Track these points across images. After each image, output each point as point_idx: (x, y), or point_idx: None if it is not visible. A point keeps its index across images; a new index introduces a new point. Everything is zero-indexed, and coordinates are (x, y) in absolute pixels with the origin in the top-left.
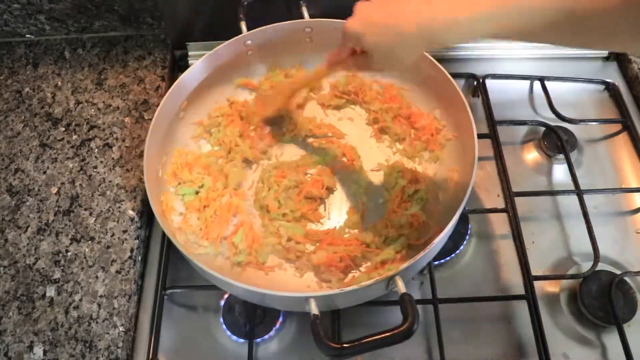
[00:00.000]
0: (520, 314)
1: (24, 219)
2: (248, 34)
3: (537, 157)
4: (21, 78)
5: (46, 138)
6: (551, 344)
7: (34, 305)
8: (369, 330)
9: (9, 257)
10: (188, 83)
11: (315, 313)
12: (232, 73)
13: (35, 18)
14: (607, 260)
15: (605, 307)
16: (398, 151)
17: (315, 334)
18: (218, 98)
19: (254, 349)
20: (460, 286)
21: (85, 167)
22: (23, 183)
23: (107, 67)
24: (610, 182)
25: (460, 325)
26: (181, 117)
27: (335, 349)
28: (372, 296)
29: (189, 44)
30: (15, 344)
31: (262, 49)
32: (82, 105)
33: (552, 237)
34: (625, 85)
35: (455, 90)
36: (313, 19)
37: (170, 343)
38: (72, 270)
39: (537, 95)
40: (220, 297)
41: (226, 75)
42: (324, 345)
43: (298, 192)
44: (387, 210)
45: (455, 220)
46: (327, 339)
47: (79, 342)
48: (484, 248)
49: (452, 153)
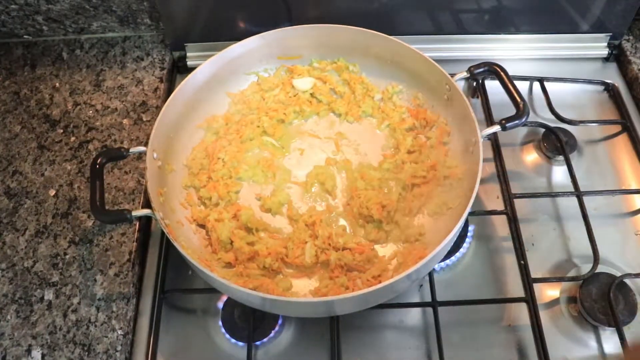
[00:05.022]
0: (520, 316)
1: (22, 221)
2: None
3: (536, 159)
4: (19, 79)
5: (44, 140)
6: (551, 346)
7: (32, 308)
8: (368, 332)
9: (6, 260)
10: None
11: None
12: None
13: (33, 19)
14: (606, 262)
15: (605, 310)
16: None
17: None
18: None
19: (253, 352)
20: (459, 289)
21: (84, 169)
22: (21, 185)
23: (105, 68)
24: (610, 184)
25: (460, 328)
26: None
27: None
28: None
29: (187, 45)
30: (13, 347)
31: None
32: (80, 106)
33: (552, 239)
34: (625, 86)
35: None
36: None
37: (169, 346)
38: (70, 273)
39: (536, 96)
40: (219, 300)
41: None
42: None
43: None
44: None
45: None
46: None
47: (78, 346)
48: (483, 250)
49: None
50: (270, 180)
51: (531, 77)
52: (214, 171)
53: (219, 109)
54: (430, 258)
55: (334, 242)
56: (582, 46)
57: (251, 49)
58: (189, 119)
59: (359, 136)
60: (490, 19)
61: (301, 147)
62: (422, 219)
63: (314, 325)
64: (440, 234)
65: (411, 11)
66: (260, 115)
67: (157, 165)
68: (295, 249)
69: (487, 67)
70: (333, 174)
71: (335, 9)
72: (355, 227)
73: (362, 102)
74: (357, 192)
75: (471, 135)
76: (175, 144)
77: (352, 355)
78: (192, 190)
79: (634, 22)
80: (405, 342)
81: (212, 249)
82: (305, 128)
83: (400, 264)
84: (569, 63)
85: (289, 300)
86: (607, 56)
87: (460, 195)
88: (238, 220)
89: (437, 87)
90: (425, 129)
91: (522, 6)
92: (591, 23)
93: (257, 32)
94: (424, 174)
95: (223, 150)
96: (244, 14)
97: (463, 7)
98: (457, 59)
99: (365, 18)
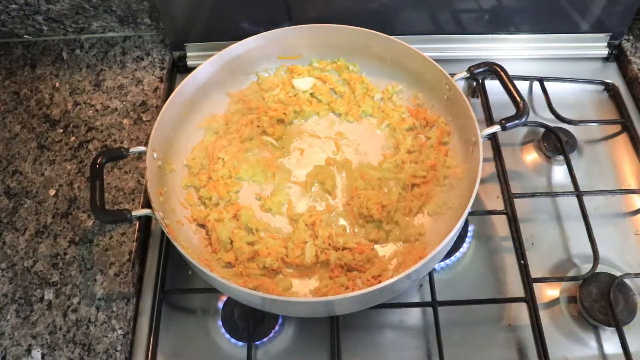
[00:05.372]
0: (520, 316)
1: (22, 221)
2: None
3: (536, 159)
4: (19, 79)
5: (44, 140)
6: (551, 346)
7: (32, 308)
8: (368, 332)
9: (7, 260)
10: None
11: None
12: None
13: (33, 19)
14: (606, 262)
15: (604, 309)
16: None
17: None
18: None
19: (253, 352)
20: (459, 289)
21: (84, 169)
22: (21, 185)
23: (105, 68)
24: (610, 184)
25: (460, 328)
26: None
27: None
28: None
29: (187, 45)
30: (13, 347)
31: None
32: (80, 106)
33: (552, 239)
34: (625, 86)
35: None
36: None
37: (169, 346)
38: (70, 273)
39: (536, 96)
40: (219, 300)
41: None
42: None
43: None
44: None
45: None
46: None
47: (78, 346)
48: (483, 250)
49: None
50: (270, 180)
51: (531, 77)
52: (214, 171)
53: (219, 109)
54: (430, 258)
55: (334, 242)
56: (582, 46)
57: (251, 49)
58: (189, 118)
59: (359, 136)
60: (490, 19)
61: (301, 146)
62: (422, 219)
63: (314, 325)
64: (440, 233)
65: (411, 11)
66: (260, 115)
67: (157, 165)
68: (295, 249)
69: (487, 67)
70: (333, 173)
71: (335, 9)
72: (355, 227)
73: (362, 102)
74: (357, 192)
75: (471, 135)
76: (175, 143)
77: (352, 355)
78: (192, 190)
79: (634, 22)
80: (405, 342)
81: (212, 249)
82: (305, 128)
83: (400, 263)
84: (569, 63)
85: (289, 300)
86: (607, 56)
87: (460, 195)
88: (238, 220)
89: (437, 87)
90: (425, 128)
91: (522, 6)
92: (591, 23)
93: (257, 32)
94: (424, 174)
95: (223, 150)
96: (244, 13)
97: (463, 7)
98: (457, 59)
99: (365, 18)
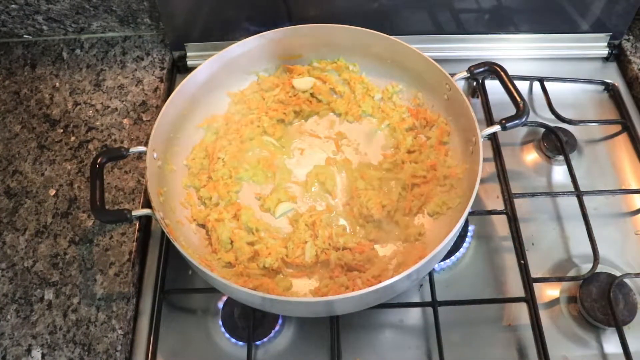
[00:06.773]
0: (520, 316)
1: (22, 221)
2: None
3: (536, 158)
4: (19, 79)
5: (44, 140)
6: (551, 346)
7: (32, 308)
8: (368, 332)
9: (7, 260)
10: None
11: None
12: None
13: (33, 19)
14: (606, 262)
15: (605, 309)
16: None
17: None
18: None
19: (253, 352)
20: (459, 288)
21: (84, 169)
22: (21, 185)
23: (105, 68)
24: (610, 184)
25: (460, 328)
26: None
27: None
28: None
29: (187, 44)
30: (13, 347)
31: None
32: (80, 106)
33: (552, 239)
34: (625, 86)
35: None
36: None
37: (169, 346)
38: (70, 272)
39: (536, 96)
40: (219, 300)
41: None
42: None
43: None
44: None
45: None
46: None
47: (78, 346)
48: (483, 250)
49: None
50: (270, 180)
51: (531, 77)
52: (214, 171)
53: (219, 108)
54: (430, 258)
55: (334, 241)
56: (582, 46)
57: (251, 48)
58: (189, 118)
59: (359, 136)
60: (490, 18)
61: (301, 146)
62: (422, 218)
63: (314, 325)
64: (440, 233)
65: (411, 11)
66: (260, 115)
67: (157, 165)
68: (295, 249)
69: (487, 66)
70: (333, 173)
71: (335, 9)
72: (355, 226)
73: (362, 102)
74: (357, 192)
75: (471, 135)
76: (175, 143)
77: (352, 355)
78: (192, 190)
79: (634, 22)
80: (405, 342)
81: (212, 249)
82: (305, 128)
83: (400, 263)
84: (569, 63)
85: (289, 300)
86: (607, 56)
87: (460, 195)
88: (238, 220)
89: (437, 87)
90: (425, 128)
91: (522, 6)
92: (591, 23)
93: (257, 32)
94: (424, 174)
95: (223, 150)
96: (243, 14)
97: (463, 7)
98: (457, 59)
99: (365, 18)
